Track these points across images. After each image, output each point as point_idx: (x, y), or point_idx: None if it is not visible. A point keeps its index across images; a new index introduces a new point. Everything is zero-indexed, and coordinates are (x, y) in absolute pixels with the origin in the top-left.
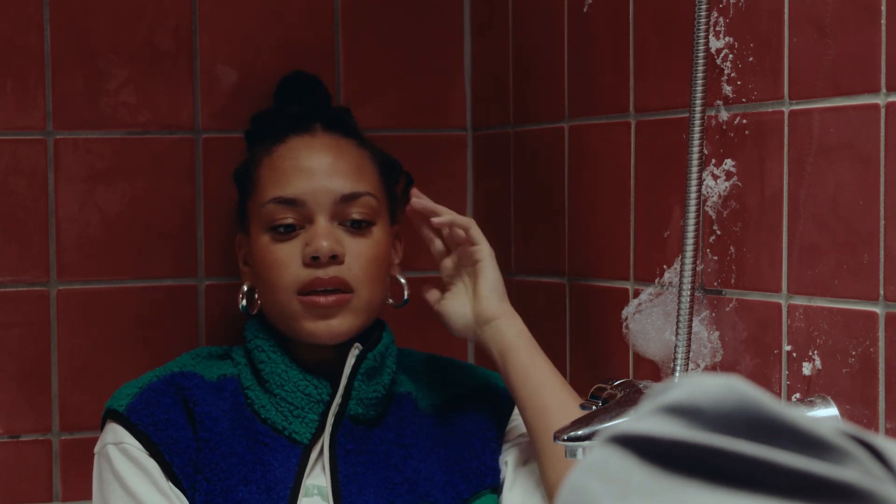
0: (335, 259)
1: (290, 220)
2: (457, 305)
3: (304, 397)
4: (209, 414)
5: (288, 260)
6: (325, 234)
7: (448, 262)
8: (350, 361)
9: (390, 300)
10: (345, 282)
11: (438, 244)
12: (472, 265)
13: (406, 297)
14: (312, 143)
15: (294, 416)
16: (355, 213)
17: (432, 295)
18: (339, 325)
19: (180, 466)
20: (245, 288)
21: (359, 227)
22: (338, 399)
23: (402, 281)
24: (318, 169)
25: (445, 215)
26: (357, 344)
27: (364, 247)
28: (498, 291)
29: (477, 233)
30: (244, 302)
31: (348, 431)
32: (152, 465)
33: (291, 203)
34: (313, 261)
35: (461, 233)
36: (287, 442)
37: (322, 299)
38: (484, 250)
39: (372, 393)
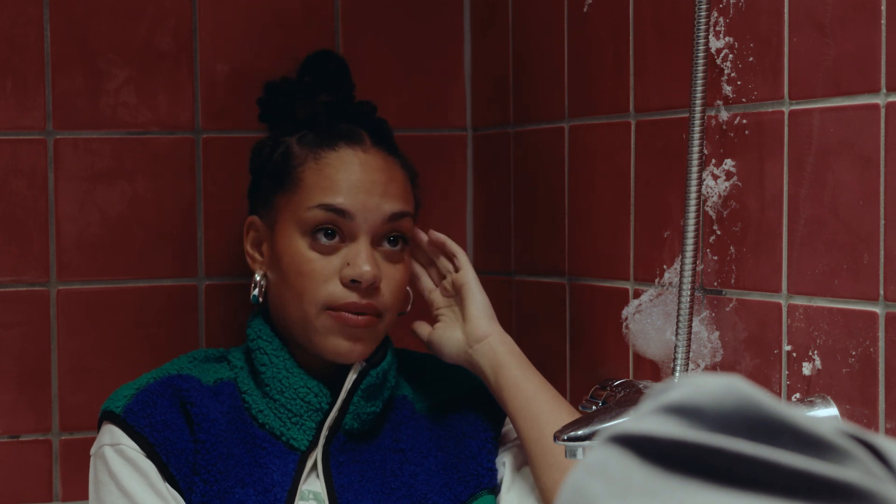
0: (372, 285)
1: (334, 232)
2: (447, 333)
3: (303, 405)
4: (206, 416)
5: (325, 274)
6: (368, 259)
7: (436, 295)
8: (352, 377)
9: None
10: (377, 309)
11: (426, 279)
12: (458, 290)
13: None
14: (366, 160)
15: (292, 422)
16: (396, 232)
17: (422, 328)
18: (363, 349)
19: (177, 468)
20: (258, 277)
21: (395, 245)
22: (334, 413)
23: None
24: (371, 187)
25: (442, 236)
26: (362, 361)
27: (398, 273)
28: (486, 312)
29: (464, 259)
30: (255, 292)
31: (341, 445)
32: (149, 467)
33: (340, 213)
34: (353, 283)
35: (449, 257)
36: (284, 448)
37: (352, 318)
38: (468, 274)
39: (370, 408)
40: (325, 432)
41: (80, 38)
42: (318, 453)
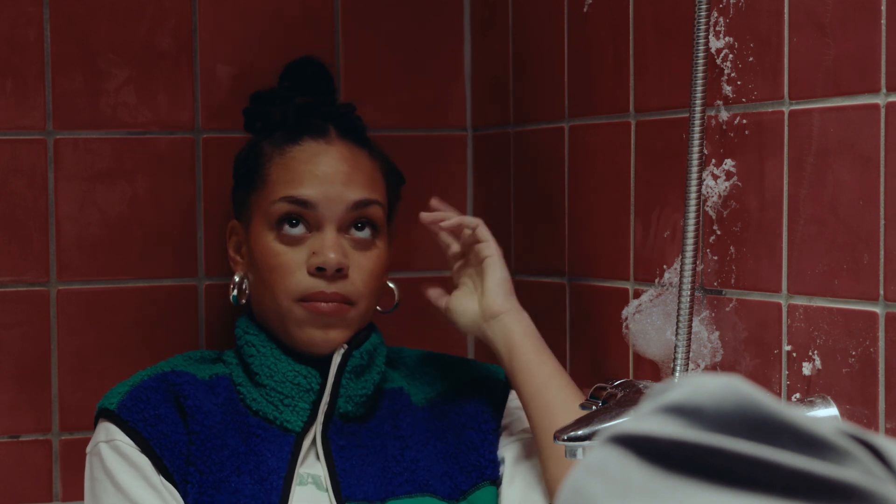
0: (340, 272)
1: (299, 223)
2: (464, 301)
3: (293, 387)
4: (200, 408)
5: (293, 266)
6: (332, 246)
7: (458, 264)
8: (336, 360)
9: (378, 307)
10: (346, 297)
11: (455, 247)
12: (479, 263)
13: (396, 302)
14: (329, 151)
15: (285, 405)
16: (363, 219)
17: (435, 292)
18: (336, 336)
19: (171, 460)
20: (237, 278)
21: (362, 231)
22: (326, 397)
23: (392, 286)
24: (333, 176)
25: (454, 218)
26: (343, 344)
27: (368, 261)
28: (504, 287)
29: (484, 231)
30: (235, 292)
31: (339, 429)
32: (143, 462)
33: (303, 204)
34: (318, 271)
35: (468, 232)
36: (279, 431)
37: (324, 305)
38: (491, 247)
39: (361, 390)
40: (320, 417)
41: (80, 38)
42: (317, 437)
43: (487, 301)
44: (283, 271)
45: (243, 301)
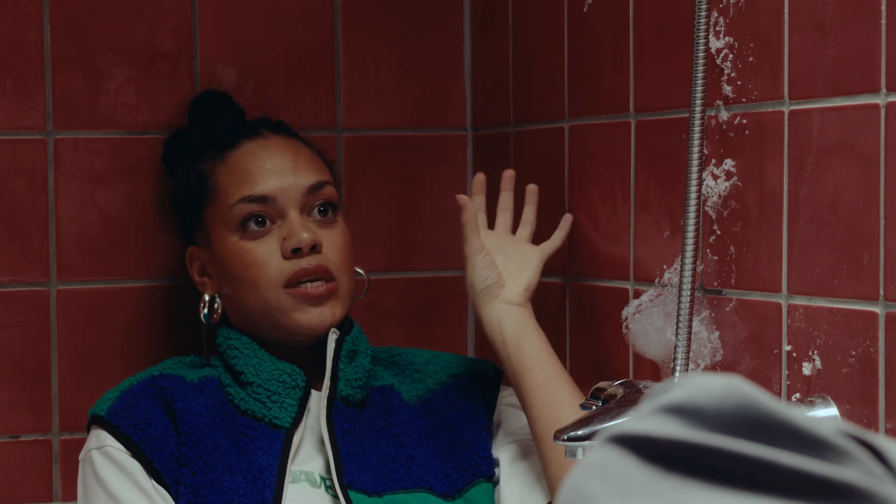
0: (314, 249)
1: (264, 220)
2: (488, 268)
3: (279, 384)
4: (189, 410)
5: (267, 256)
6: (302, 227)
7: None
8: (331, 346)
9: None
10: (328, 270)
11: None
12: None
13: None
14: (269, 146)
15: (272, 402)
16: (322, 200)
17: (471, 213)
18: (331, 314)
19: (161, 462)
20: (207, 298)
21: (326, 216)
22: (327, 382)
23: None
24: (281, 167)
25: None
26: (334, 329)
27: (336, 236)
28: (532, 289)
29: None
30: (206, 311)
31: (342, 413)
32: (134, 466)
33: (262, 201)
34: (294, 253)
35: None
36: (268, 428)
37: (312, 289)
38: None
39: (355, 374)
40: (323, 402)
41: (80, 38)
42: (322, 420)
43: (519, 285)
44: (259, 264)
45: (215, 319)
